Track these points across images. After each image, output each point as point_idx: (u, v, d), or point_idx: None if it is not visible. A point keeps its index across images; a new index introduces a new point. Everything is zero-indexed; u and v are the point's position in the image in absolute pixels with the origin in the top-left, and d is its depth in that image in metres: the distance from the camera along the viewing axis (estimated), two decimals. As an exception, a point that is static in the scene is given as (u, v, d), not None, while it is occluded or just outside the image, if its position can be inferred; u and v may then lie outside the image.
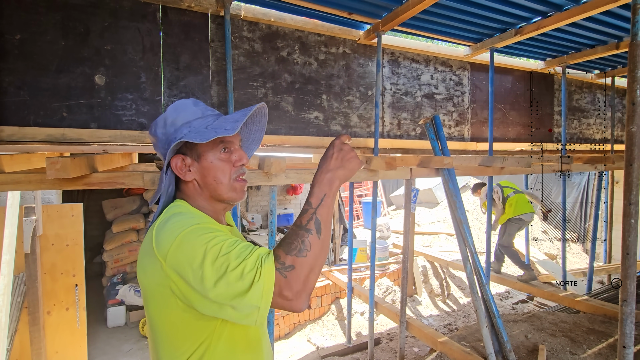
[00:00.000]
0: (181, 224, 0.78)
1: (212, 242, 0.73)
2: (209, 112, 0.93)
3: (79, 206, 3.22)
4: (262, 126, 1.05)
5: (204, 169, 0.89)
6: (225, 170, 0.90)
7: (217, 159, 0.89)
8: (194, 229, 0.76)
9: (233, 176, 0.91)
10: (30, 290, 2.82)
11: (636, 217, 1.53)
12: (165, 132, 0.90)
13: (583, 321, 3.25)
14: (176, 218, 0.81)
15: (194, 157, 0.89)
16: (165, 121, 0.90)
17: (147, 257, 0.80)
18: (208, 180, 0.89)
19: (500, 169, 3.12)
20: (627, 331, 1.60)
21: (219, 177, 0.89)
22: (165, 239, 0.76)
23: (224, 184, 0.90)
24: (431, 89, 3.48)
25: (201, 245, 0.73)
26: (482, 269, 2.67)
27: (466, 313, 4.97)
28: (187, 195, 0.92)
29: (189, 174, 0.90)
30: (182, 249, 0.73)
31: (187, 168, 0.90)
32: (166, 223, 0.80)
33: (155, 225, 0.82)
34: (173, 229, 0.77)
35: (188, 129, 0.89)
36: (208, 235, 0.75)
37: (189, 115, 0.90)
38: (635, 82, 1.53)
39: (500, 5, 2.65)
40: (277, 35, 2.70)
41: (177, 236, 0.75)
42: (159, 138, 0.91)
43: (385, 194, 10.56)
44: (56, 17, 2.03)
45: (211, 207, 0.93)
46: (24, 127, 1.98)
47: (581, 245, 7.59)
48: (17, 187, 1.63)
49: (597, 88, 4.79)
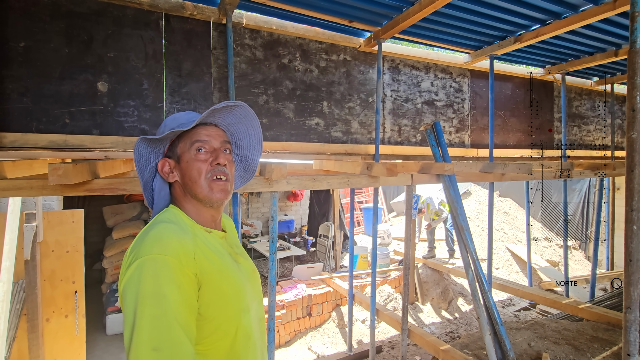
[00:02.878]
0: (161, 242, 0.77)
1: (161, 306, 0.71)
2: (194, 118, 0.95)
3: (80, 212, 3.22)
4: (257, 132, 1.07)
5: (182, 170, 0.92)
6: (200, 169, 0.91)
7: (192, 158, 0.91)
8: (163, 267, 0.74)
9: (208, 175, 0.91)
10: (29, 297, 2.80)
11: (638, 224, 1.53)
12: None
13: (586, 329, 3.21)
14: (161, 228, 0.81)
15: (175, 158, 0.93)
16: (164, 127, 0.95)
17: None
18: (185, 180, 0.92)
19: (500, 175, 3.12)
20: (631, 339, 1.58)
21: (193, 176, 0.91)
22: (141, 247, 0.77)
23: (199, 183, 0.91)
24: (431, 95, 3.50)
25: (152, 295, 0.71)
26: (484, 275, 2.65)
27: (468, 321, 4.93)
28: (176, 199, 0.95)
29: (172, 176, 0.94)
30: (140, 274, 0.73)
31: (170, 170, 0.94)
32: (151, 229, 0.82)
33: (141, 231, 0.85)
34: (152, 240, 0.78)
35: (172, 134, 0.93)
36: (165, 289, 0.72)
37: (177, 120, 0.95)
38: (635, 89, 1.53)
39: (500, 14, 2.67)
40: (278, 43, 2.72)
41: (150, 254, 0.75)
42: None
43: (386, 200, 10.54)
44: (60, 25, 2.05)
45: (197, 211, 0.93)
46: (26, 133, 1.99)
47: (583, 252, 7.54)
48: (19, 193, 1.63)
49: (597, 95, 4.81)
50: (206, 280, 0.80)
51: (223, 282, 0.83)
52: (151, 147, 0.94)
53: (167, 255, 0.75)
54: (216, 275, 0.82)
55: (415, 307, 5.15)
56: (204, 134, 0.93)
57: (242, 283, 0.89)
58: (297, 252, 6.13)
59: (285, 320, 4.32)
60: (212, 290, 0.80)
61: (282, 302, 4.33)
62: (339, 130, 3.00)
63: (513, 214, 8.46)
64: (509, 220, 8.13)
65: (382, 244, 7.71)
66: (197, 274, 0.78)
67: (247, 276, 0.94)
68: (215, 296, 0.81)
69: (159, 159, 0.96)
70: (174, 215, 0.89)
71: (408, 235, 3.14)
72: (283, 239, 7.63)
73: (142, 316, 0.69)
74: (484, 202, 8.57)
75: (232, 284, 0.85)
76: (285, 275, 5.92)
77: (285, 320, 4.32)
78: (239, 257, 0.96)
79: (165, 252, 0.76)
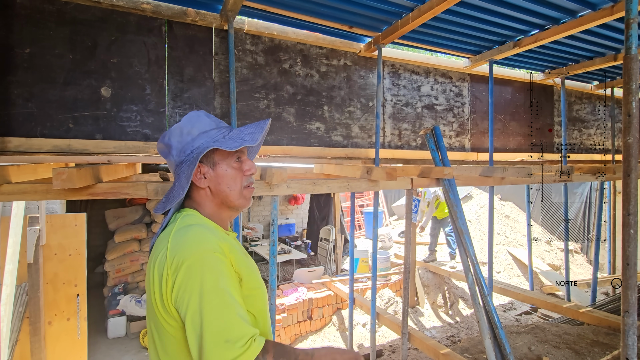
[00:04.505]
0: (204, 242, 0.80)
1: (224, 299, 0.76)
2: (222, 125, 1.00)
3: (83, 216, 3.25)
4: (261, 140, 1.09)
5: (219, 177, 0.94)
6: (237, 178, 0.95)
7: (231, 167, 0.95)
8: (215, 262, 0.78)
9: (244, 184, 0.97)
10: (32, 300, 2.82)
11: (635, 228, 1.54)
12: (181, 140, 0.95)
13: (587, 333, 3.21)
14: (197, 230, 0.83)
15: (209, 165, 0.94)
16: (181, 130, 0.96)
17: (158, 264, 0.81)
18: (221, 188, 0.94)
19: (500, 179, 3.13)
20: (629, 342, 1.59)
21: (231, 185, 0.94)
22: (185, 249, 0.79)
23: (235, 191, 0.95)
24: (431, 100, 3.52)
25: (214, 290, 0.75)
26: (483, 279, 2.66)
27: (469, 325, 4.91)
28: (198, 203, 0.95)
29: (204, 181, 0.94)
30: (196, 273, 0.76)
31: (202, 175, 0.94)
32: (187, 231, 0.82)
33: (172, 232, 0.84)
34: (195, 241, 0.80)
35: (206, 137, 0.94)
36: (223, 283, 0.77)
37: (205, 125, 0.96)
38: (631, 94, 1.55)
39: (498, 19, 2.70)
40: (279, 48, 2.76)
41: (198, 253, 0.78)
42: (173, 146, 0.96)
43: (387, 204, 10.54)
44: (65, 32, 2.09)
45: (219, 215, 0.96)
46: (30, 138, 2.02)
47: (585, 256, 7.52)
48: (24, 197, 1.66)
49: (597, 99, 4.82)
50: (242, 275, 0.86)
51: (251, 280, 0.89)
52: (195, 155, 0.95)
53: (215, 252, 0.79)
54: (245, 275, 0.87)
55: (416, 311, 5.14)
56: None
57: (261, 281, 0.95)
58: (298, 256, 6.14)
59: (286, 323, 4.32)
60: (246, 287, 0.86)
61: (282, 305, 4.34)
62: (339, 134, 3.03)
63: (514, 218, 8.45)
64: (510, 224, 8.11)
65: (383, 247, 7.70)
66: (237, 270, 0.84)
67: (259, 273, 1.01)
68: (248, 292, 0.86)
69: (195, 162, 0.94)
70: (200, 219, 0.91)
71: (408, 239, 3.15)
72: (284, 242, 7.64)
73: (210, 311, 0.73)
74: (485, 205, 8.56)
75: (257, 282, 0.92)
76: (287, 279, 5.92)
77: (286, 324, 4.32)
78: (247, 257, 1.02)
79: (214, 249, 0.80)
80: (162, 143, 0.99)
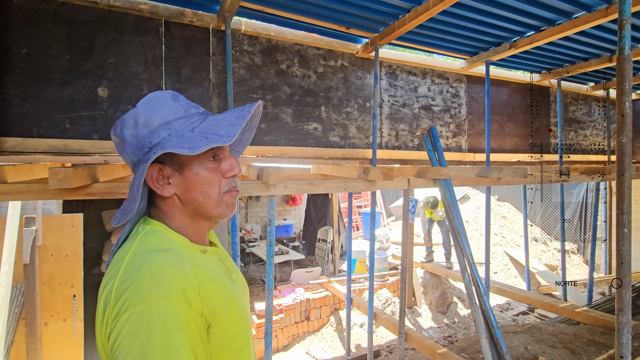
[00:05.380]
0: (163, 283, 0.60)
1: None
2: (192, 110, 0.75)
3: (79, 217, 3.23)
4: (253, 126, 0.88)
5: (189, 182, 0.72)
6: (214, 182, 0.74)
7: (204, 169, 0.73)
8: (171, 318, 0.58)
9: (224, 189, 0.75)
10: (28, 301, 2.81)
11: (629, 227, 1.55)
12: (136, 134, 0.71)
13: (583, 332, 3.22)
14: (158, 261, 0.63)
15: (174, 166, 0.72)
16: (136, 120, 0.71)
17: (105, 297, 0.62)
18: (193, 195, 0.73)
19: (497, 179, 3.14)
20: (623, 341, 1.60)
21: (207, 192, 0.73)
22: (136, 290, 0.59)
23: (213, 199, 0.74)
24: (428, 100, 3.53)
25: (160, 356, 0.55)
26: (480, 279, 2.67)
27: (466, 325, 4.93)
28: (165, 213, 0.75)
29: (169, 188, 0.72)
30: (142, 329, 0.56)
31: (166, 180, 0.73)
32: (144, 262, 0.62)
33: (127, 256, 0.65)
34: (151, 281, 0.60)
35: (168, 131, 0.71)
36: (176, 348, 0.57)
37: (168, 113, 0.72)
38: (624, 95, 1.57)
39: (494, 20, 2.71)
40: (276, 49, 2.76)
41: (151, 301, 0.58)
42: (127, 141, 0.72)
43: (385, 205, 10.56)
44: (62, 32, 2.09)
45: (194, 227, 0.76)
46: (27, 138, 2.02)
47: (581, 257, 7.56)
48: (20, 197, 1.65)
49: (593, 100, 4.86)
50: (214, 317, 0.66)
51: (229, 315, 0.70)
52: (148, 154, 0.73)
53: (172, 300, 0.59)
54: (221, 310, 0.68)
55: (413, 312, 5.15)
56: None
57: (245, 309, 0.77)
58: (296, 257, 6.14)
59: (284, 324, 4.32)
60: (220, 328, 0.68)
61: (280, 306, 4.33)
62: (336, 135, 3.04)
63: (511, 218, 8.48)
64: (507, 225, 8.15)
65: (380, 248, 7.71)
66: (204, 313, 0.64)
67: (244, 295, 0.83)
68: (222, 332, 0.68)
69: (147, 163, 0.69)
70: (164, 237, 0.70)
71: (405, 239, 3.16)
72: (282, 243, 7.64)
73: None
74: (482, 206, 8.59)
75: (237, 314, 0.73)
76: (284, 280, 5.92)
77: (284, 325, 4.32)
78: (232, 274, 0.82)
79: (170, 296, 0.59)
80: (114, 135, 0.74)
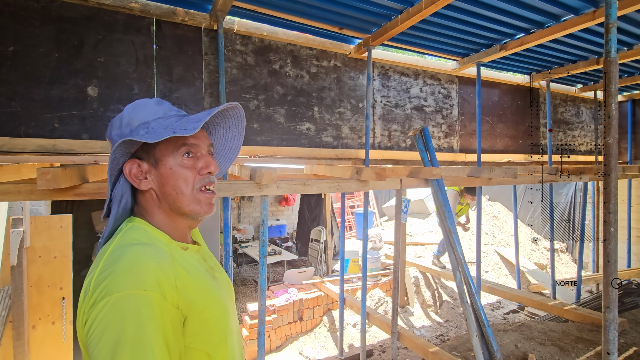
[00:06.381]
0: (140, 274, 0.63)
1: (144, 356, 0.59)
2: (172, 112, 0.81)
3: (68, 217, 3.18)
4: (239, 132, 0.94)
5: (162, 177, 0.77)
6: (187, 178, 0.78)
7: (178, 164, 0.77)
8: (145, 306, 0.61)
9: (197, 185, 0.79)
10: (15, 303, 2.76)
11: (615, 226, 1.59)
12: (120, 133, 0.78)
13: (572, 330, 3.28)
14: (136, 254, 0.67)
15: (151, 162, 0.77)
16: (121, 121, 0.78)
17: (85, 287, 0.66)
18: (167, 190, 0.77)
19: (488, 179, 3.18)
20: (610, 337, 1.64)
21: (179, 186, 0.77)
22: (113, 279, 0.63)
23: (186, 195, 0.77)
24: (420, 101, 3.56)
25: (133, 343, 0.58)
26: (471, 278, 2.70)
27: (458, 324, 4.97)
28: (145, 209, 0.79)
29: (145, 182, 0.77)
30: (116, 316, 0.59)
31: (143, 175, 0.77)
32: (123, 254, 0.67)
33: (108, 249, 0.69)
34: (128, 271, 0.63)
35: (145, 129, 0.77)
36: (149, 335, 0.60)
37: (148, 114, 0.78)
38: (611, 97, 1.60)
39: (485, 22, 2.75)
40: (269, 49, 2.76)
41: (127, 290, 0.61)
42: (114, 141, 0.79)
43: (378, 205, 10.61)
44: (50, 30, 2.05)
45: (172, 224, 0.80)
46: (14, 137, 1.98)
47: (570, 255, 7.69)
48: (6, 198, 1.62)
49: (581, 101, 4.95)
50: (190, 311, 0.69)
51: (206, 309, 0.73)
52: (125, 147, 0.77)
53: (147, 289, 0.62)
54: (199, 304, 0.71)
55: (406, 311, 5.18)
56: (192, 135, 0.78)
57: (224, 304, 0.79)
58: (289, 257, 6.14)
59: (277, 324, 4.31)
60: (197, 321, 0.70)
61: (273, 306, 4.32)
62: (329, 135, 3.04)
63: (502, 218, 8.59)
64: (498, 224, 8.25)
65: (373, 248, 7.75)
66: (180, 306, 0.67)
67: (226, 292, 0.85)
68: (200, 326, 0.71)
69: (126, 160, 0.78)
70: (145, 233, 0.74)
71: (398, 239, 3.18)
72: (275, 243, 7.63)
73: None
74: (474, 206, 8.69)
75: (216, 309, 0.75)
76: (277, 280, 5.91)
77: (277, 325, 4.31)
78: (215, 272, 0.85)
79: (145, 286, 0.62)
80: (106, 137, 0.82)
